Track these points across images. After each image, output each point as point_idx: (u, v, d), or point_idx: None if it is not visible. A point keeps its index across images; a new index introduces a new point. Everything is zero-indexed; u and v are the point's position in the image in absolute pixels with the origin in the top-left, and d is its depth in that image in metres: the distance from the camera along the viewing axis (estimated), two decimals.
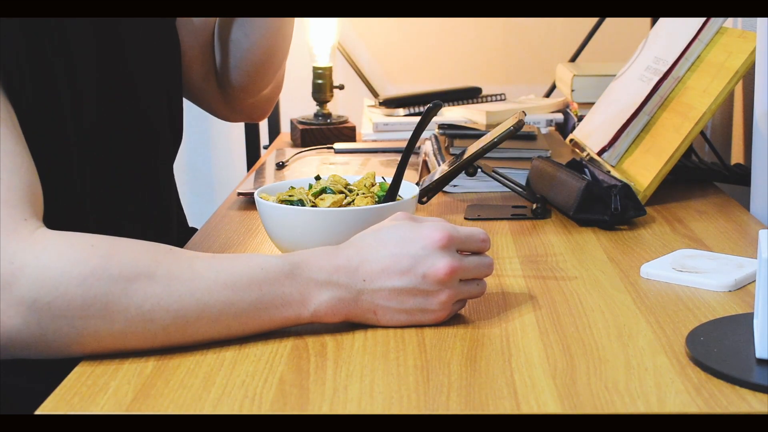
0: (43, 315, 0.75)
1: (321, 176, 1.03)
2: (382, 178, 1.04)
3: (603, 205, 1.13)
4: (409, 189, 1.02)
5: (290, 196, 0.99)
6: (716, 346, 0.77)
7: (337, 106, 2.06)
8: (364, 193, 0.99)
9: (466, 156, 1.22)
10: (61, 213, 0.91)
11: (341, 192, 0.99)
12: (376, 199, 0.99)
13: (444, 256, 0.82)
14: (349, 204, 0.98)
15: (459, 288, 0.84)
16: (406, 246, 0.82)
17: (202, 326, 0.78)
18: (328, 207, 0.96)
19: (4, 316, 0.75)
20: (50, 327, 0.76)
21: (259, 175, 1.41)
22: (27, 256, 0.76)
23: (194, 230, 1.22)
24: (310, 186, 1.02)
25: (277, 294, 0.80)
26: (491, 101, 1.83)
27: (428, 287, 0.82)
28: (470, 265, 0.84)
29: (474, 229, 0.86)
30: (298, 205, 0.97)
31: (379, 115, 1.78)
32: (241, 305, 0.79)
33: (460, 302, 0.85)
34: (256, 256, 0.82)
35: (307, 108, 1.87)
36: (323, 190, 0.99)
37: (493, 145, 1.18)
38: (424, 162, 1.50)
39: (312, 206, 0.97)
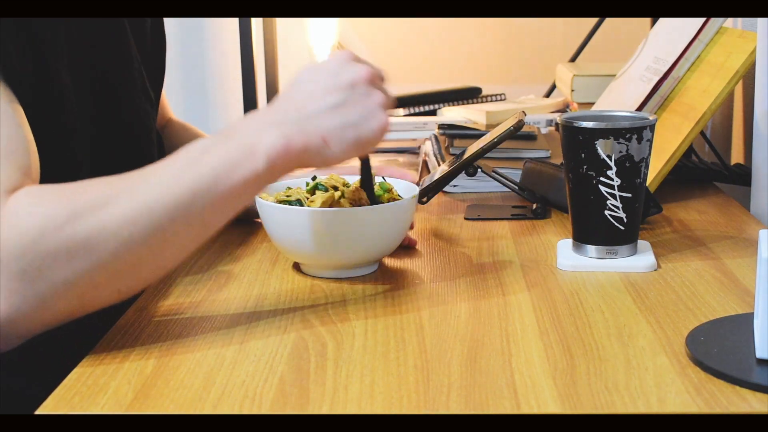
0: (36, 282, 0.75)
1: (317, 176, 1.03)
2: (382, 177, 1.04)
3: None
4: (409, 189, 1.02)
5: (288, 196, 1.00)
6: (716, 346, 0.77)
7: None
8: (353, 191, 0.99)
9: (466, 156, 1.22)
10: None
11: (334, 187, 0.98)
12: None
13: (359, 63, 0.85)
14: (339, 199, 0.97)
15: (384, 90, 0.85)
16: (319, 71, 0.84)
17: (180, 227, 0.78)
18: (319, 205, 0.95)
19: (2, 297, 0.75)
20: (48, 292, 0.76)
21: None
22: (3, 228, 0.75)
23: None
24: (307, 184, 1.02)
25: (223, 159, 0.79)
26: (491, 101, 1.83)
27: (363, 92, 0.83)
28: (377, 69, 0.87)
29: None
30: (295, 205, 0.97)
31: None
32: (200, 185, 0.78)
33: (388, 113, 0.86)
34: (195, 142, 0.82)
35: None
36: (316, 187, 0.99)
37: (493, 145, 1.18)
38: (424, 162, 1.50)
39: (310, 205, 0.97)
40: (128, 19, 1.05)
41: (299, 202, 0.97)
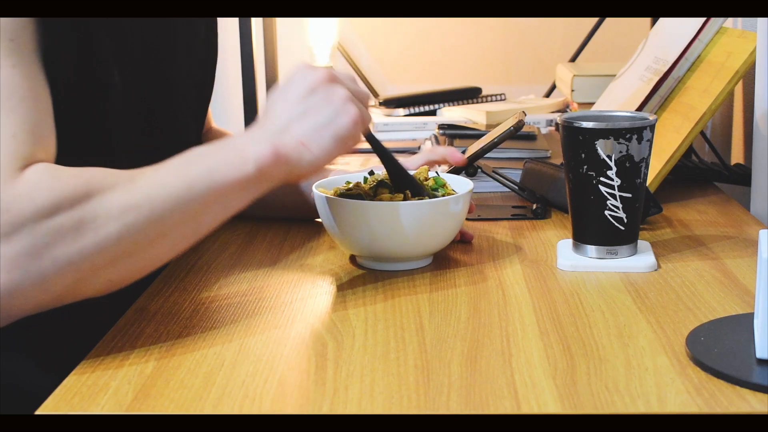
0: (42, 258, 0.75)
1: (374, 171, 1.05)
2: (436, 172, 1.05)
3: None
4: (463, 184, 1.04)
5: (348, 189, 1.01)
6: (716, 346, 0.77)
7: None
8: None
9: (466, 156, 1.22)
10: None
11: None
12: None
13: (315, 68, 0.90)
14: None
15: (348, 85, 0.90)
16: (284, 89, 0.90)
17: (177, 220, 0.81)
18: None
19: (3, 271, 0.75)
20: (50, 270, 0.76)
21: None
22: (19, 200, 0.75)
23: None
24: (365, 179, 1.04)
25: (216, 161, 0.83)
26: (491, 101, 1.83)
27: (323, 94, 0.88)
28: (337, 71, 0.91)
29: None
30: (358, 199, 0.98)
31: (379, 115, 1.78)
32: (196, 181, 0.82)
33: (360, 103, 0.91)
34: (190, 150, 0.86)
35: None
36: (380, 185, 1.01)
37: (493, 145, 1.18)
38: None
39: (370, 200, 0.99)
40: (182, 34, 1.06)
41: (360, 196, 0.98)
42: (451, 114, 1.77)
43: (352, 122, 0.88)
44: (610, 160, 0.96)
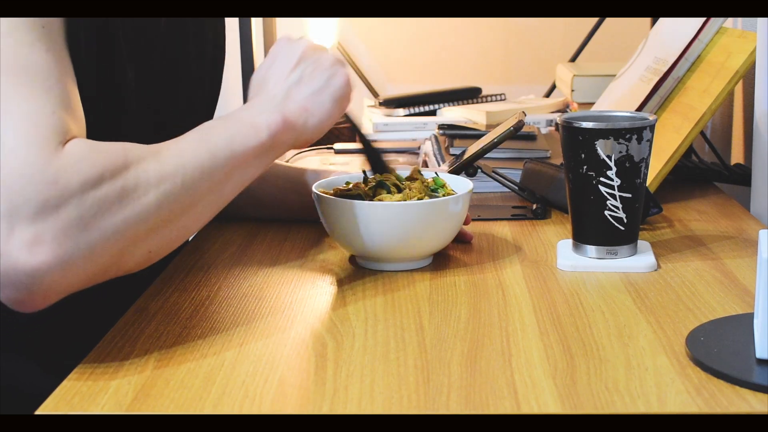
0: (91, 229, 0.75)
1: (367, 172, 1.06)
2: (436, 173, 1.05)
3: None
4: (463, 185, 1.04)
5: (348, 190, 1.01)
6: (716, 346, 0.77)
7: None
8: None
9: (466, 156, 1.22)
10: None
11: (395, 185, 1.01)
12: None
13: (299, 40, 0.96)
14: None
15: (327, 51, 0.96)
16: (271, 63, 0.95)
17: (205, 187, 0.84)
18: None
19: (55, 243, 0.74)
20: (99, 240, 0.76)
21: None
22: (65, 172, 0.75)
23: None
24: (365, 180, 1.04)
25: (230, 132, 0.87)
26: (491, 101, 1.83)
27: (312, 60, 0.93)
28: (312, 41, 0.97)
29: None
30: (357, 200, 0.98)
31: (379, 115, 1.78)
32: (216, 149, 0.85)
33: (343, 65, 0.96)
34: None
35: None
36: (380, 185, 1.01)
37: (493, 146, 1.18)
38: (424, 162, 1.50)
39: (370, 200, 0.99)
40: (192, 34, 1.07)
41: (360, 197, 0.99)
42: (451, 114, 1.77)
43: (345, 82, 0.94)
44: (610, 160, 0.96)
